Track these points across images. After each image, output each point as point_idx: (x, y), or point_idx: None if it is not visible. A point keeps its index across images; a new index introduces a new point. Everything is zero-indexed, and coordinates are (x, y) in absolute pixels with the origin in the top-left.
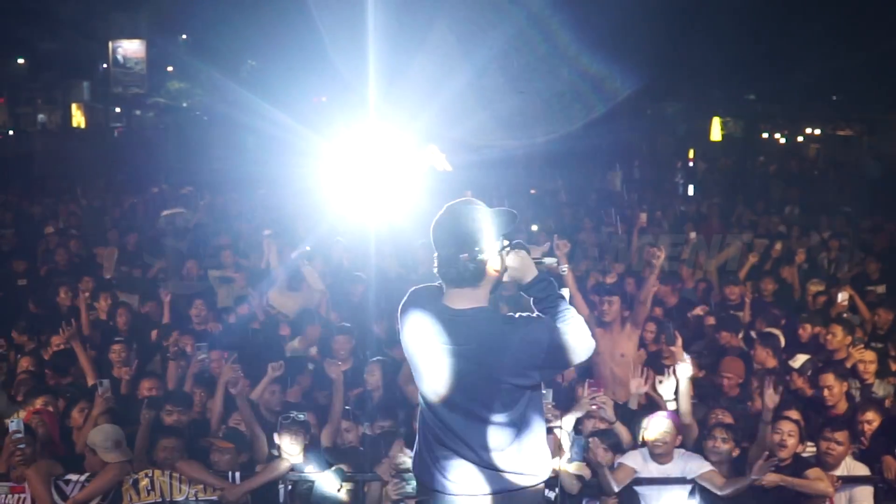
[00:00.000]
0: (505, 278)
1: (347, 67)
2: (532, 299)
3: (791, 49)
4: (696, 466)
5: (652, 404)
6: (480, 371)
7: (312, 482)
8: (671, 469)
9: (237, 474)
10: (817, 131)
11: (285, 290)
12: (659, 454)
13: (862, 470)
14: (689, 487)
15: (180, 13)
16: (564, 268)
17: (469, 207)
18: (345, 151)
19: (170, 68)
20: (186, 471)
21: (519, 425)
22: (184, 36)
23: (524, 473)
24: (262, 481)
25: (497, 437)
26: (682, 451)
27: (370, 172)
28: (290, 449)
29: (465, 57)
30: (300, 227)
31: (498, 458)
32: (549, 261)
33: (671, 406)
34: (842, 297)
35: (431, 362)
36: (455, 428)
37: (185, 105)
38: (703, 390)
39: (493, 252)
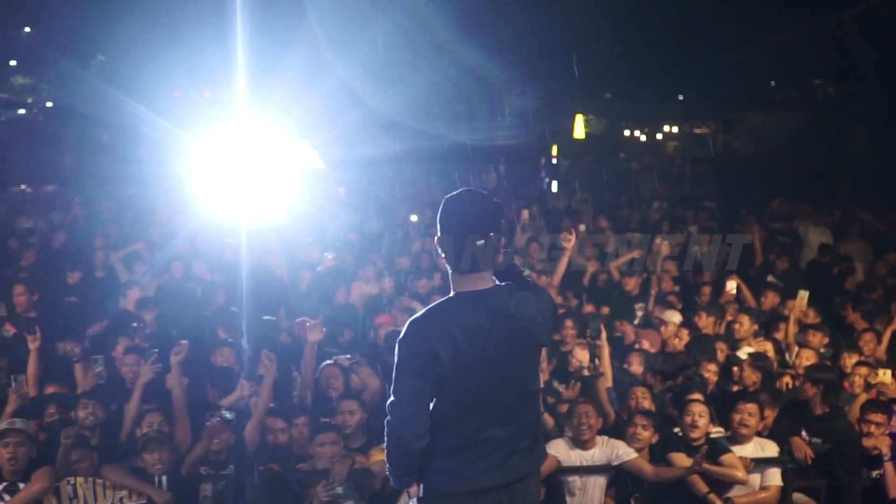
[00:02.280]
0: None
1: (216, 63)
2: (502, 277)
3: (647, 51)
4: (622, 453)
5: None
6: (526, 337)
7: (237, 481)
8: (595, 456)
9: (164, 478)
10: (675, 129)
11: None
12: (583, 440)
13: (772, 449)
14: (611, 473)
15: (23, 4)
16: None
17: (481, 195)
18: (215, 148)
19: (13, 62)
20: (111, 476)
21: (539, 397)
22: (27, 29)
23: (540, 452)
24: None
25: (532, 411)
26: (605, 437)
27: (242, 169)
28: (215, 447)
29: (336, 55)
30: (166, 227)
31: (525, 438)
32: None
33: None
34: (729, 286)
35: (484, 350)
36: (504, 411)
37: (30, 101)
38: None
39: (499, 237)
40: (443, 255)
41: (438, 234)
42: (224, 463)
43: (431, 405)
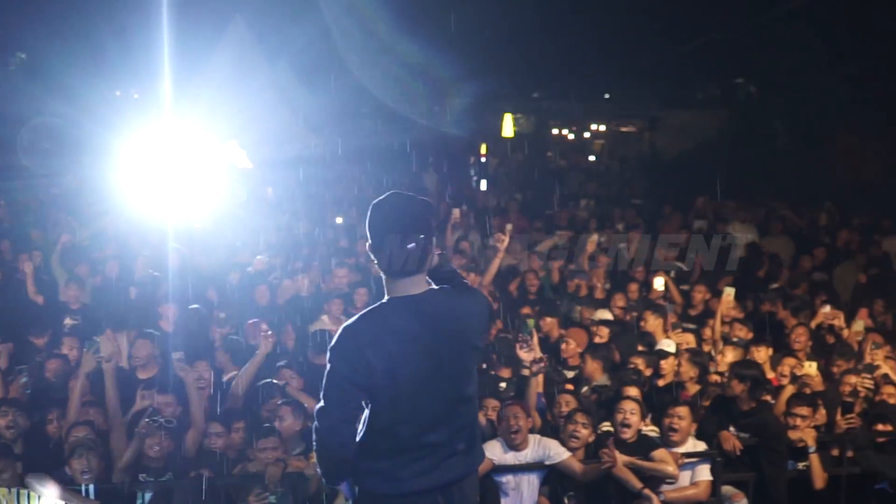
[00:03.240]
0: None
1: (142, 62)
2: (436, 281)
3: (572, 50)
4: (554, 453)
5: None
6: (461, 341)
7: (166, 487)
8: (528, 455)
9: (91, 487)
10: (602, 128)
11: None
12: (515, 443)
13: (701, 446)
14: (544, 473)
15: None
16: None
17: (410, 197)
18: (142, 148)
19: None
20: (35, 486)
21: (477, 401)
22: None
23: (477, 455)
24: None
25: (468, 414)
26: (538, 436)
27: (169, 169)
28: (154, 454)
29: (265, 54)
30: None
31: (463, 441)
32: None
33: None
34: (657, 282)
35: (416, 356)
36: (439, 416)
37: None
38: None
39: (431, 239)
40: (375, 261)
41: (369, 239)
42: (163, 470)
43: (366, 411)
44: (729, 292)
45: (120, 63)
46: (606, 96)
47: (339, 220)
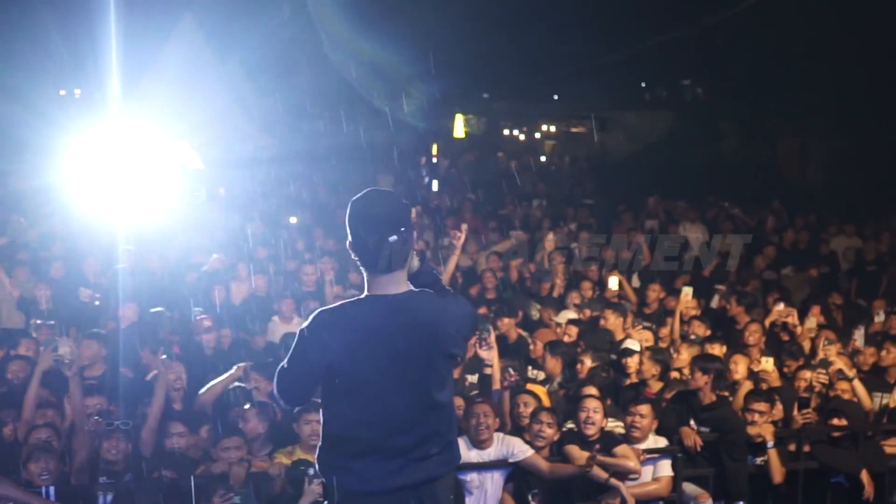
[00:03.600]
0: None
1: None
2: (415, 284)
3: (522, 51)
4: (518, 451)
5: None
6: (433, 347)
7: (128, 489)
8: (491, 454)
9: (52, 489)
10: (552, 128)
11: None
12: (481, 440)
13: (662, 442)
14: (508, 470)
15: None
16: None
17: (388, 193)
18: (90, 147)
19: None
20: None
21: (451, 406)
22: None
23: (449, 458)
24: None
25: (437, 419)
26: (501, 434)
27: (119, 169)
28: (111, 456)
29: (215, 53)
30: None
31: (434, 444)
32: (445, 241)
33: None
34: (612, 282)
35: (384, 356)
36: (400, 418)
37: None
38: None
39: (411, 234)
40: (356, 258)
41: (349, 237)
42: (122, 472)
43: (336, 410)
44: (687, 291)
45: (65, 60)
46: (556, 97)
47: (293, 220)
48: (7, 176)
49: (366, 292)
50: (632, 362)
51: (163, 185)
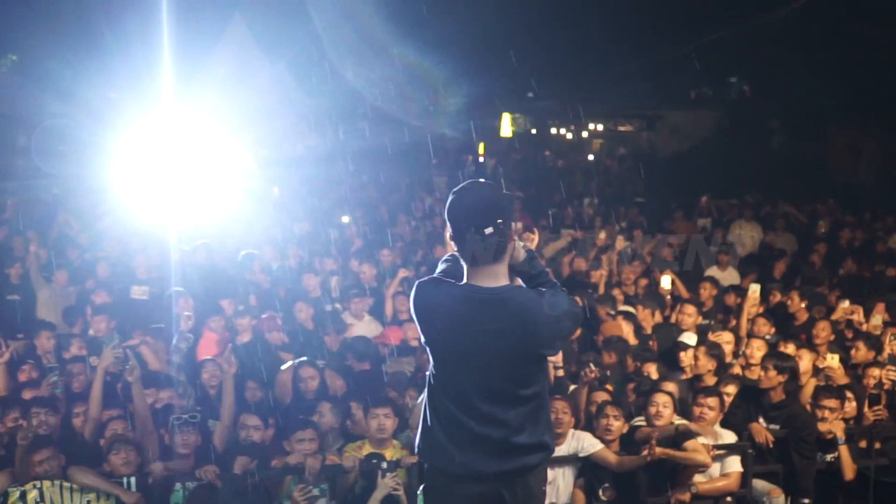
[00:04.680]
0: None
1: (142, 61)
2: (523, 278)
3: (569, 50)
4: (588, 445)
5: None
6: (518, 346)
7: (210, 485)
8: (564, 449)
9: (132, 479)
10: (600, 127)
11: None
12: (556, 434)
13: (731, 437)
14: (579, 465)
15: None
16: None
17: (487, 185)
18: (143, 148)
19: None
20: (79, 478)
21: (540, 400)
22: None
23: (540, 450)
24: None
25: (524, 413)
26: (572, 430)
27: (171, 170)
28: (181, 449)
29: (265, 53)
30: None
31: (523, 436)
32: (528, 243)
33: None
34: (665, 280)
35: (463, 345)
36: (484, 409)
37: None
38: None
39: (510, 226)
40: (455, 249)
41: (449, 228)
42: (193, 464)
43: (431, 389)
44: (755, 289)
45: (117, 63)
46: (603, 96)
47: (345, 220)
48: (60, 177)
49: (465, 280)
50: (686, 357)
51: (215, 185)
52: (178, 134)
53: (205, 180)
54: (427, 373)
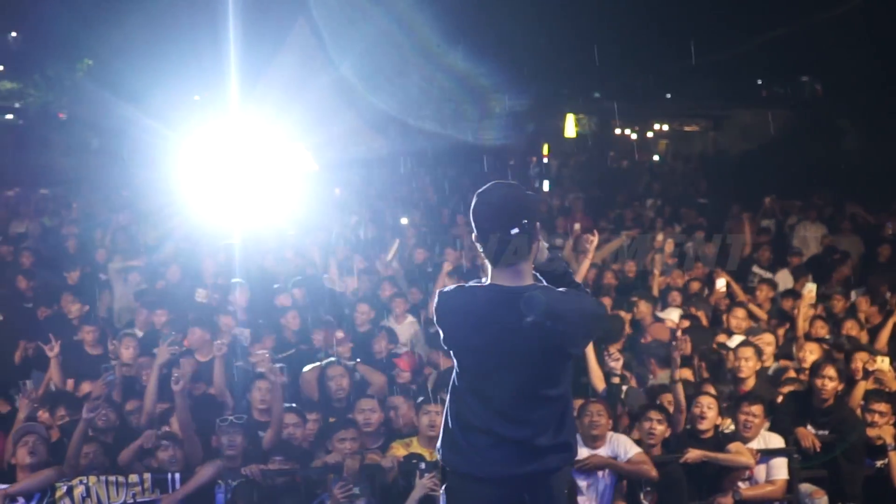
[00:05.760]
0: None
1: (208, 64)
2: (547, 278)
3: (634, 49)
4: (627, 449)
5: None
6: (544, 344)
7: (253, 482)
8: (603, 452)
9: (177, 475)
10: (665, 127)
11: None
12: (593, 438)
13: (777, 442)
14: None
15: (9, 9)
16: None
17: (512, 186)
18: (209, 150)
19: (0, 67)
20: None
21: (565, 401)
22: (14, 34)
23: (564, 452)
24: (199, 482)
25: (549, 415)
26: (611, 433)
27: (236, 171)
28: (228, 450)
29: (329, 56)
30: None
31: (547, 437)
32: (558, 241)
33: None
34: (720, 283)
35: (490, 344)
36: (510, 409)
37: (17, 105)
38: None
39: (535, 227)
40: (480, 250)
41: (473, 229)
42: (240, 464)
43: (456, 392)
44: (810, 289)
45: (185, 68)
46: (668, 96)
47: (404, 221)
48: (129, 179)
49: (488, 281)
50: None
51: (280, 186)
52: (243, 137)
53: (268, 182)
54: (451, 376)
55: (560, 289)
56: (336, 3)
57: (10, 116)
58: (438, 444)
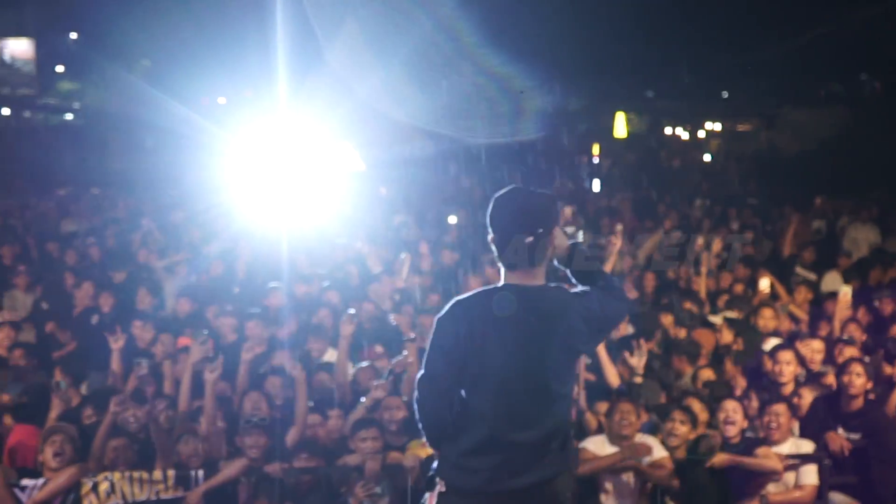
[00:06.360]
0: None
1: (257, 65)
2: (571, 273)
3: (687, 48)
4: (652, 451)
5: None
6: (556, 340)
7: (276, 480)
8: None
9: (200, 472)
10: (717, 127)
11: None
12: (622, 438)
13: (808, 447)
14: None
15: (70, 11)
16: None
17: (529, 193)
18: (256, 150)
19: (60, 68)
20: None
21: (569, 401)
22: (74, 34)
23: (569, 455)
24: (223, 480)
25: (561, 414)
26: (641, 434)
27: (283, 171)
28: (251, 451)
29: (377, 54)
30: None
31: (558, 438)
32: (580, 237)
33: None
34: (763, 283)
35: (500, 346)
36: (522, 409)
37: (77, 106)
38: None
39: (550, 232)
40: (495, 253)
41: (490, 232)
42: (262, 463)
43: (464, 402)
44: (846, 292)
45: (236, 66)
46: (725, 95)
47: (451, 220)
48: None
49: (502, 282)
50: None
51: (325, 185)
52: (291, 136)
53: (315, 181)
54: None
55: (578, 288)
56: (384, 2)
57: (69, 116)
58: (436, 462)
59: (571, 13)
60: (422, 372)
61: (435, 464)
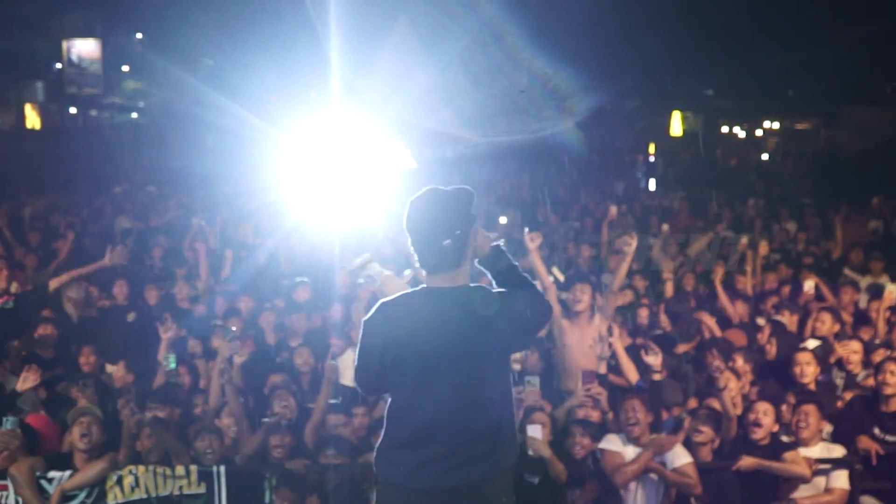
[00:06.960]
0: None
1: (310, 65)
2: (493, 275)
3: (747, 45)
4: (676, 456)
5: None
6: (480, 342)
7: (298, 477)
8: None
9: (222, 468)
10: (775, 125)
11: None
12: (633, 437)
13: (839, 452)
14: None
15: (135, 11)
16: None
17: (445, 194)
18: (309, 148)
19: (125, 68)
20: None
21: (502, 403)
22: (139, 35)
23: (500, 458)
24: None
25: (487, 417)
26: (664, 435)
27: (335, 170)
28: (275, 451)
29: (428, 53)
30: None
31: (484, 442)
32: (499, 239)
33: None
34: (808, 285)
35: (425, 349)
36: (448, 413)
37: (141, 105)
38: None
39: (468, 232)
40: (414, 256)
41: (407, 236)
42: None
43: (392, 401)
44: (891, 290)
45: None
46: (790, 93)
47: (502, 220)
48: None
49: (422, 285)
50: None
51: (375, 184)
52: (342, 134)
53: (366, 180)
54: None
55: (498, 290)
56: (436, 1)
57: (134, 115)
58: (374, 455)
59: (630, 13)
60: (355, 367)
61: (374, 455)
